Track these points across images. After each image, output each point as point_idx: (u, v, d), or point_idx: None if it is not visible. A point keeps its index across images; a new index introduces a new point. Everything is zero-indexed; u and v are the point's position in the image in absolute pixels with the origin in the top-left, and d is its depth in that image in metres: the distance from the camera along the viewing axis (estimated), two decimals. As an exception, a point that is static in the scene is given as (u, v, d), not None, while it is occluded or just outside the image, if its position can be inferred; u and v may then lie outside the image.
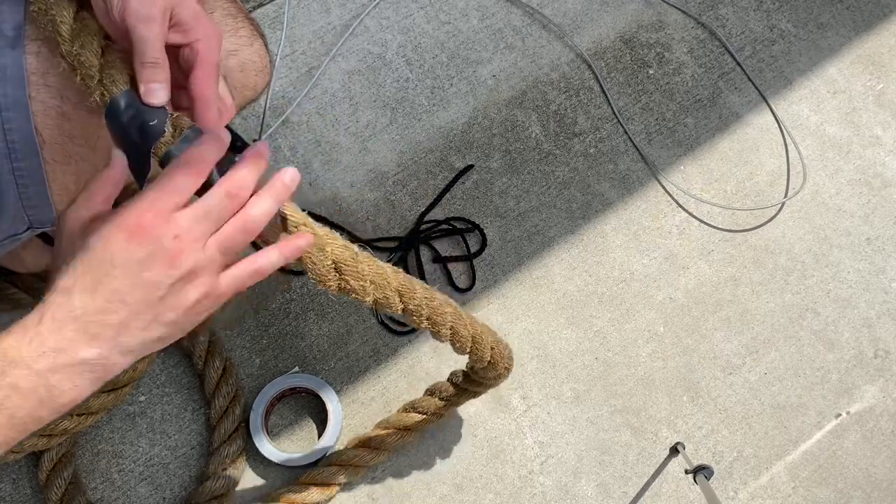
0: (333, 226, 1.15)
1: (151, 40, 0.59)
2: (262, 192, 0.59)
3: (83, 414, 0.93)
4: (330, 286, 0.65)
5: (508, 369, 0.91)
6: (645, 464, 1.11)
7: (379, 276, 0.69)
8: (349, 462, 1.01)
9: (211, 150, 0.59)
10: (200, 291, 0.55)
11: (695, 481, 0.98)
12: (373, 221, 1.18)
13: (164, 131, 0.59)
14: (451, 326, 0.78)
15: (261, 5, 1.27)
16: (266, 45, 0.81)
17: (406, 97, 1.25)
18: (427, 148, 1.23)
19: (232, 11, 0.78)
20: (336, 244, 0.64)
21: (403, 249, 1.15)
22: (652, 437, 1.12)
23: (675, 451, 1.09)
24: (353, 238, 1.15)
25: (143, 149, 0.59)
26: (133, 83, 0.60)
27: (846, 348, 1.19)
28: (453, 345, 0.80)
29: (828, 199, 1.28)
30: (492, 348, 0.84)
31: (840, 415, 1.16)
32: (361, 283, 0.66)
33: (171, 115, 0.60)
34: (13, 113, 0.64)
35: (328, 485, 1.00)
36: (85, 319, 0.52)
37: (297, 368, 1.08)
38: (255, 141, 1.16)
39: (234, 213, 0.57)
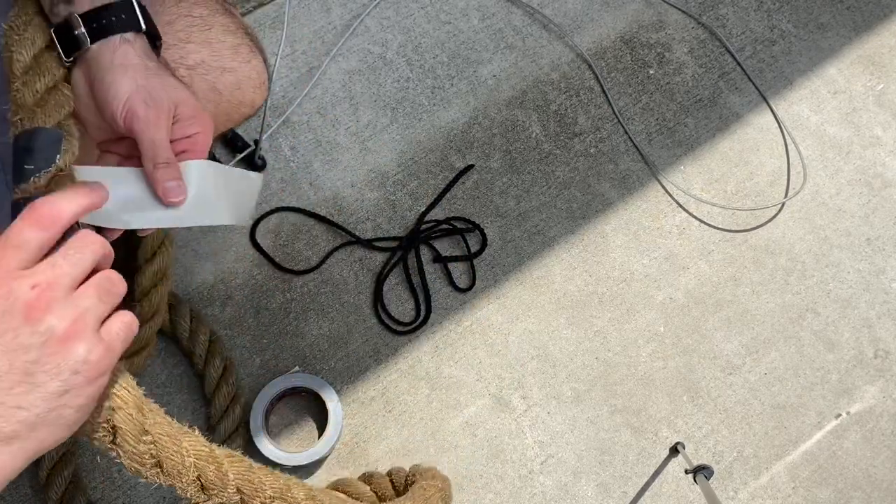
0: (334, 225, 1.15)
1: (161, 142, 0.60)
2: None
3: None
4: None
5: None
6: (645, 464, 1.11)
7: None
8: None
9: (68, 203, 0.50)
10: (87, 346, 0.47)
11: (695, 481, 0.98)
12: (373, 221, 1.18)
13: (37, 179, 0.53)
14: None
15: (261, 5, 1.27)
16: (265, 61, 0.81)
17: (406, 97, 1.25)
18: (427, 148, 1.23)
19: (231, 28, 0.77)
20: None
21: (404, 249, 1.15)
22: (652, 437, 1.12)
23: (675, 451, 1.09)
24: (354, 238, 1.15)
25: (8, 186, 0.55)
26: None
27: (846, 348, 1.19)
28: None
29: (828, 200, 1.28)
30: None
31: (840, 415, 1.16)
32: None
33: (57, 169, 0.54)
34: (5, 125, 0.64)
35: None
36: None
37: (297, 368, 1.08)
38: (255, 141, 1.16)
39: (97, 262, 0.50)
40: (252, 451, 1.03)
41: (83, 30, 0.59)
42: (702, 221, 1.24)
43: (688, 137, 1.29)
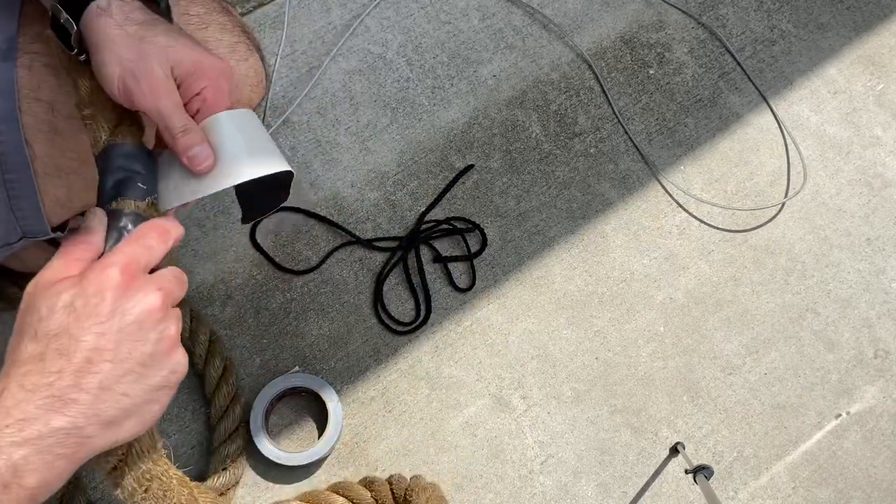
0: (334, 225, 1.15)
1: (168, 109, 0.57)
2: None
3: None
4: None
5: None
6: (645, 464, 1.11)
7: None
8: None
9: (177, 228, 0.56)
10: (181, 353, 0.53)
11: (695, 481, 0.98)
12: (373, 221, 1.18)
13: (139, 197, 0.57)
14: None
15: (261, 5, 1.27)
16: (262, 59, 0.80)
17: (406, 97, 1.25)
18: (427, 148, 1.23)
19: (228, 26, 0.77)
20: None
21: (404, 249, 1.15)
22: (652, 437, 1.12)
23: (675, 451, 1.09)
24: (354, 238, 1.15)
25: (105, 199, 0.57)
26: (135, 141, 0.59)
27: (846, 348, 1.19)
28: None
29: (828, 200, 1.28)
30: None
31: (840, 415, 1.16)
32: None
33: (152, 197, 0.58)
34: (3, 126, 0.64)
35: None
36: (60, 384, 0.47)
37: (297, 368, 1.08)
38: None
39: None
40: (252, 451, 1.03)
41: (66, 15, 0.57)
42: (702, 221, 1.24)
43: (688, 137, 1.29)
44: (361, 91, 1.25)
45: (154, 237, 0.54)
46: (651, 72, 1.32)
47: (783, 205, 1.26)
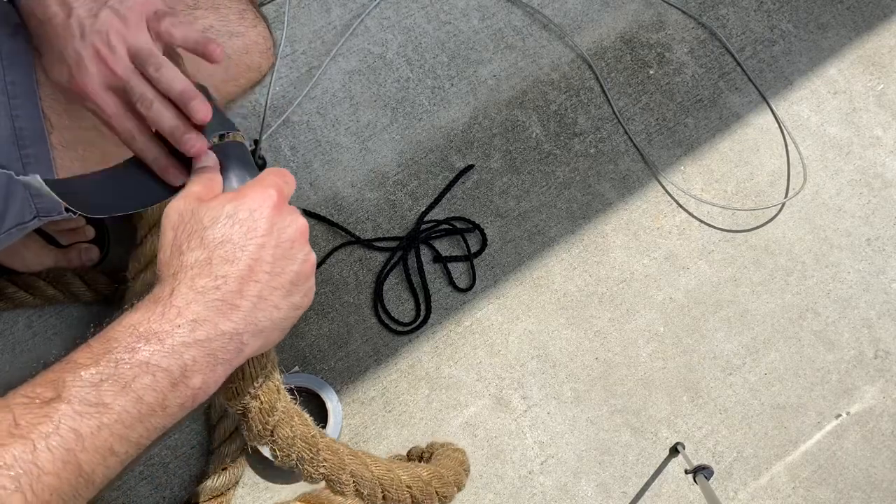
0: (334, 225, 1.15)
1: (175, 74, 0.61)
2: None
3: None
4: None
5: (447, 498, 0.86)
6: (645, 464, 1.11)
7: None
8: None
9: (291, 177, 0.61)
10: (314, 280, 0.57)
11: (695, 481, 0.98)
12: (373, 221, 1.18)
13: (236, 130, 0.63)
14: (352, 471, 0.71)
15: (261, 5, 1.27)
16: (269, 29, 0.81)
17: (406, 97, 1.25)
18: (427, 148, 1.23)
19: None
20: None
21: (403, 249, 1.15)
22: (652, 437, 1.12)
23: (675, 451, 1.09)
24: (354, 238, 1.15)
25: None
26: None
27: (846, 349, 1.19)
28: (359, 496, 0.74)
29: (828, 200, 1.28)
30: (409, 487, 0.77)
31: (840, 415, 1.16)
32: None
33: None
34: (21, 100, 0.64)
35: None
36: (226, 289, 0.49)
37: (297, 368, 1.08)
38: (255, 141, 1.15)
39: None
40: (251, 451, 1.03)
41: None
42: (702, 221, 1.24)
43: (688, 137, 1.29)
44: (361, 91, 1.25)
45: (287, 176, 0.58)
46: (651, 72, 1.32)
47: (783, 205, 1.26)
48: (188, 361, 0.47)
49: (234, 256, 0.50)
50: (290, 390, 0.94)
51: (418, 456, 0.99)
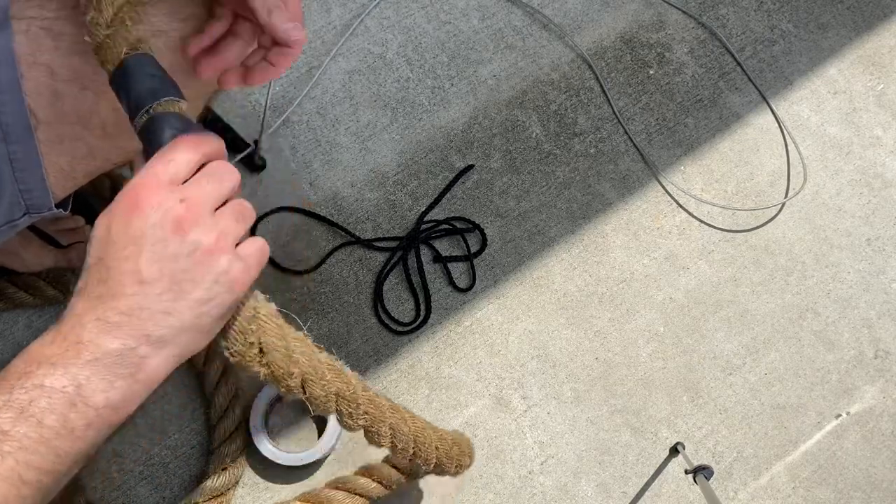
0: (334, 225, 1.16)
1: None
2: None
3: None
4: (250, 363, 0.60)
5: (461, 467, 0.87)
6: (645, 464, 1.11)
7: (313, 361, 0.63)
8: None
9: (211, 143, 0.54)
10: (227, 259, 0.50)
11: (695, 481, 0.98)
12: (373, 221, 1.18)
13: (169, 98, 0.55)
14: (391, 423, 0.72)
15: (261, 5, 1.27)
16: None
17: (406, 97, 1.25)
18: (427, 148, 1.23)
19: None
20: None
21: (403, 249, 1.15)
22: (652, 437, 1.12)
23: (675, 451, 1.09)
24: (354, 238, 1.15)
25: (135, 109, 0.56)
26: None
27: (846, 349, 1.19)
28: (393, 448, 0.75)
29: (828, 200, 1.28)
30: (437, 447, 0.79)
31: (840, 415, 1.16)
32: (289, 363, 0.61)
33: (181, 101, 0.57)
34: (6, 96, 0.64)
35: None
36: (103, 309, 0.48)
37: (297, 368, 1.08)
38: (255, 141, 1.16)
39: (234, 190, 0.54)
40: (252, 451, 1.03)
41: None
42: (702, 221, 1.24)
43: (688, 137, 1.29)
44: (361, 91, 1.25)
45: (181, 149, 0.52)
46: (651, 72, 1.32)
47: (783, 205, 1.26)
48: (82, 381, 0.47)
49: (104, 276, 0.49)
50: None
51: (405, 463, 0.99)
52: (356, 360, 1.10)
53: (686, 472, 1.01)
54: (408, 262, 1.15)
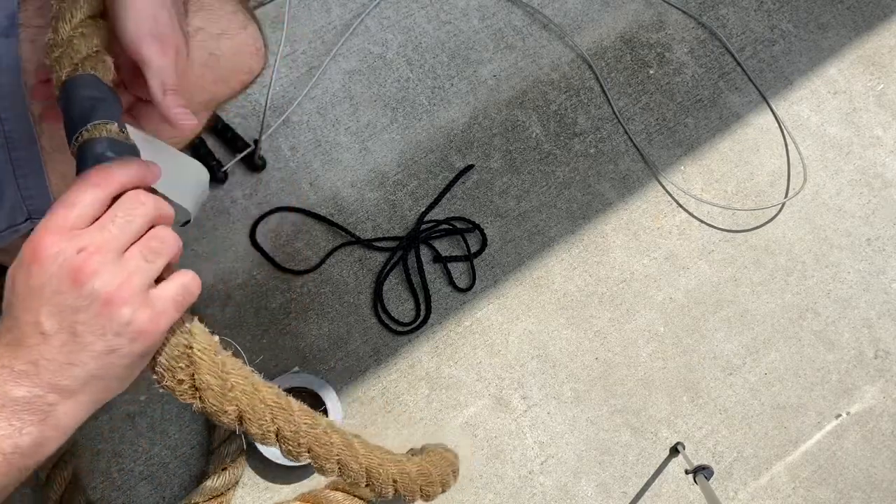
0: (333, 225, 1.15)
1: (172, 67, 0.58)
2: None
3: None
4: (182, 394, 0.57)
5: (429, 496, 0.85)
6: (645, 464, 1.11)
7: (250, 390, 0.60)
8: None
9: (124, 171, 0.51)
10: (132, 308, 0.48)
11: (695, 481, 0.98)
12: (373, 221, 1.18)
13: (112, 118, 0.53)
14: (339, 459, 0.69)
15: (261, 5, 1.27)
16: (261, 30, 0.80)
17: (407, 97, 1.25)
18: (427, 148, 1.23)
19: None
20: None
21: (403, 249, 1.15)
22: (652, 437, 1.12)
23: (675, 451, 1.09)
24: (354, 238, 1.15)
25: (73, 132, 0.54)
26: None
27: (846, 349, 1.19)
28: (344, 479, 0.73)
29: (828, 200, 1.28)
30: (394, 481, 0.77)
31: (840, 415, 1.16)
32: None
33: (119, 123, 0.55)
34: (9, 102, 0.64)
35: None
36: (9, 357, 0.47)
37: (297, 368, 1.08)
38: (255, 141, 1.16)
39: (150, 223, 0.51)
40: (252, 451, 1.03)
41: None
42: (702, 221, 1.24)
43: (688, 137, 1.29)
44: (361, 91, 1.25)
45: (85, 189, 0.49)
46: (651, 72, 1.32)
47: (783, 205, 1.26)
48: None
49: (12, 325, 0.48)
50: (288, 390, 0.94)
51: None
52: (356, 360, 1.11)
53: (686, 472, 1.01)
54: (408, 262, 1.15)
